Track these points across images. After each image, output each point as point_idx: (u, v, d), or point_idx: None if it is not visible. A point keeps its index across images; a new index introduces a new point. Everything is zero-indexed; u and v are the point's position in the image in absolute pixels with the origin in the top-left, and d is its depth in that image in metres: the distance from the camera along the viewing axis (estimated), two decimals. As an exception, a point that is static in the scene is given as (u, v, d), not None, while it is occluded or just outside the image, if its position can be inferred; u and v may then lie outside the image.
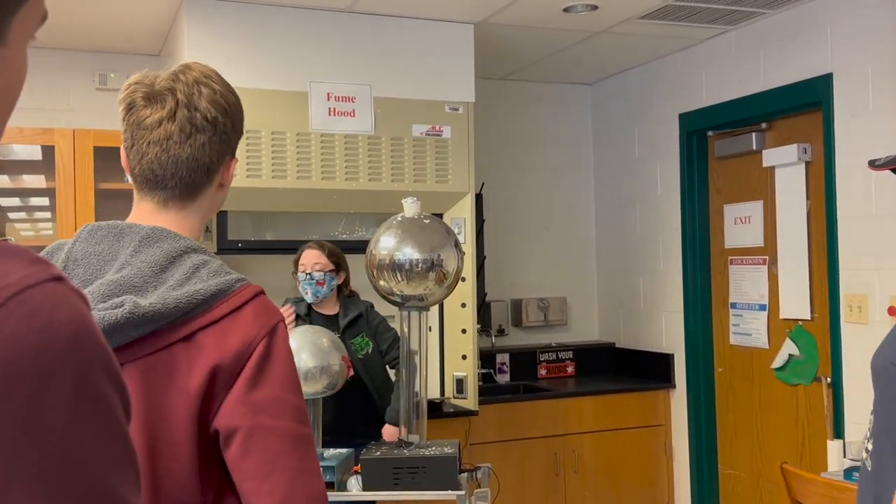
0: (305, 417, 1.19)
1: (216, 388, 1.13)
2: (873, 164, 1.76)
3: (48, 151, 3.81)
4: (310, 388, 2.44)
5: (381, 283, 2.30)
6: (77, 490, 0.52)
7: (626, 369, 4.96)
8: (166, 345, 1.13)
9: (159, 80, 1.24)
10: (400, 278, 2.27)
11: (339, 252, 3.30)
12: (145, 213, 1.26)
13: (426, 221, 2.34)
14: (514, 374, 4.87)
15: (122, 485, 0.56)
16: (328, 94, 3.67)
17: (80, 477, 0.53)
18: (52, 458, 0.52)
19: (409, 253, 2.26)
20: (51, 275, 0.55)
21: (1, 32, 0.61)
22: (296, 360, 2.43)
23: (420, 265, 2.25)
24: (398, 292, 2.30)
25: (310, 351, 2.41)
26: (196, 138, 1.23)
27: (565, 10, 3.75)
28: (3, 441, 0.50)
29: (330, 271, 3.23)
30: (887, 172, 1.79)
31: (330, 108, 3.67)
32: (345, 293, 3.37)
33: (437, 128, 3.83)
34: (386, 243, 2.27)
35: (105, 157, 3.73)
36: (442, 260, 2.27)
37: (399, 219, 2.33)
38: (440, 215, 3.79)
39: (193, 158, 1.23)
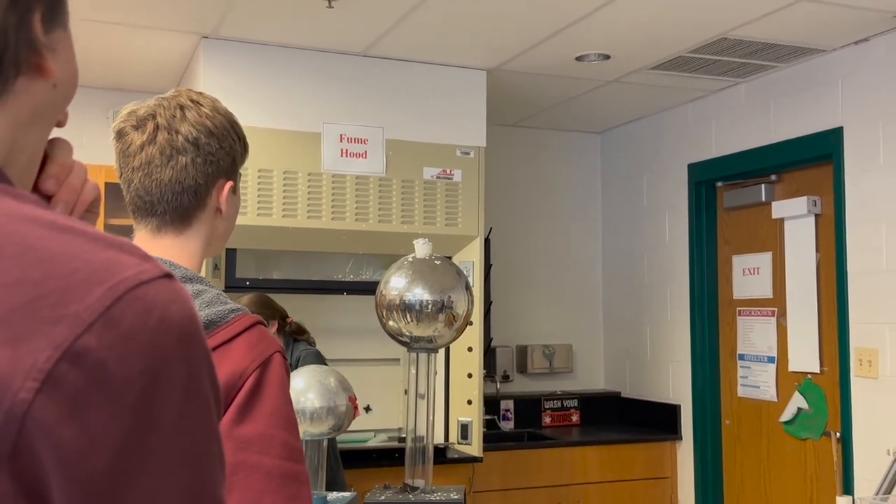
0: (297, 454, 1.13)
1: None
2: None
3: (60, 185, 3.81)
4: (315, 429, 2.40)
5: (391, 323, 2.28)
6: (185, 487, 0.53)
7: (631, 419, 4.90)
8: None
9: (144, 106, 1.23)
10: (409, 319, 2.25)
11: (257, 307, 3.22)
12: (142, 242, 1.24)
13: (437, 263, 2.33)
14: (519, 421, 4.81)
15: (219, 485, 0.57)
16: (341, 136, 3.69)
17: (187, 475, 0.54)
18: (163, 455, 0.52)
19: (420, 294, 2.24)
20: (162, 272, 0.56)
21: (65, 13, 0.64)
22: (302, 399, 2.41)
23: (430, 306, 2.24)
24: (407, 333, 2.28)
25: (317, 391, 2.38)
26: (177, 160, 1.21)
27: (578, 58, 3.78)
28: (119, 435, 0.50)
29: None
30: None
31: (342, 150, 3.69)
32: (287, 333, 3.34)
33: (448, 171, 3.85)
34: (396, 283, 2.26)
35: (116, 194, 3.71)
36: (452, 302, 2.25)
37: (410, 259, 2.32)
38: (449, 258, 3.78)
39: (177, 181, 1.21)
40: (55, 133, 0.71)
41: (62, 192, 0.70)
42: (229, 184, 1.27)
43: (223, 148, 1.24)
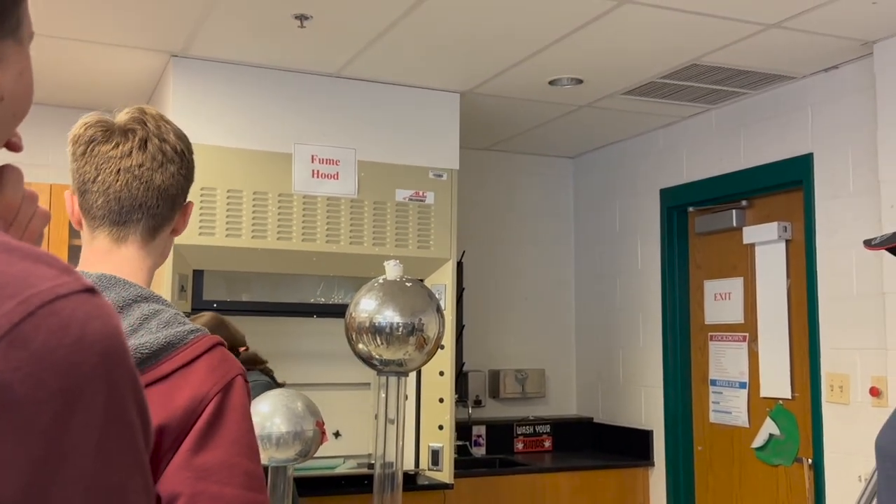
0: (259, 484, 1.09)
1: (162, 451, 1.04)
2: (869, 244, 1.75)
3: (24, 205, 3.74)
4: (281, 455, 2.34)
5: (360, 346, 2.23)
6: None
7: (604, 445, 4.87)
8: None
9: (122, 117, 1.22)
10: (379, 342, 2.20)
11: (209, 329, 3.13)
12: (99, 253, 1.20)
13: (408, 285, 2.29)
14: (490, 447, 4.76)
15: None
16: (312, 157, 3.66)
17: None
18: (80, 484, 0.47)
19: (390, 316, 2.20)
20: (83, 285, 0.51)
21: (17, 24, 0.59)
22: (268, 424, 2.35)
23: (400, 329, 2.20)
24: (377, 356, 2.23)
25: (283, 415, 2.32)
26: (167, 168, 1.21)
27: (551, 83, 3.79)
28: (29, 462, 0.46)
29: None
30: (878, 252, 1.78)
31: (314, 171, 3.65)
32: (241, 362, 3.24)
33: (421, 193, 3.82)
34: (366, 305, 2.22)
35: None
36: (423, 324, 2.21)
37: (381, 281, 2.28)
38: (420, 280, 3.75)
39: (165, 188, 1.21)
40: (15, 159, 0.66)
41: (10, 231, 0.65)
42: (191, 204, 1.28)
43: (193, 166, 1.26)
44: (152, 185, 1.20)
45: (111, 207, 1.20)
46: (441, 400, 3.81)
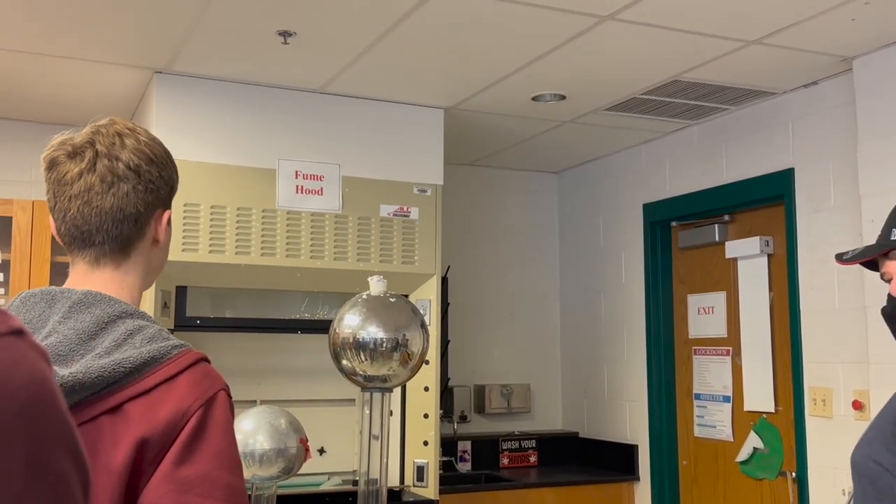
0: (241, 497, 1.09)
1: (144, 464, 1.04)
2: (841, 258, 1.76)
3: (5, 223, 3.73)
4: (265, 472, 2.33)
5: (344, 362, 2.23)
6: None
7: (589, 460, 4.87)
8: (90, 417, 1.04)
9: (79, 135, 1.20)
10: (363, 358, 2.20)
11: None
12: (79, 275, 1.20)
13: (392, 300, 2.29)
14: (476, 462, 4.75)
15: None
16: (296, 172, 3.65)
17: None
18: None
19: (374, 332, 2.19)
20: (10, 328, 0.49)
21: None
22: (251, 441, 2.33)
23: (384, 344, 2.19)
24: (361, 372, 2.22)
25: (266, 432, 2.31)
26: (119, 187, 1.18)
27: (534, 98, 3.81)
28: None
29: None
30: (857, 266, 1.79)
31: (298, 186, 3.65)
32: None
33: (405, 209, 3.83)
34: (350, 321, 2.21)
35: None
36: (407, 340, 2.21)
37: (364, 297, 2.27)
38: (406, 296, 3.74)
39: (118, 209, 1.18)
40: None
41: None
42: (167, 213, 1.25)
43: (162, 176, 1.23)
44: (103, 209, 1.18)
45: (73, 234, 1.19)
46: (426, 415, 3.80)
